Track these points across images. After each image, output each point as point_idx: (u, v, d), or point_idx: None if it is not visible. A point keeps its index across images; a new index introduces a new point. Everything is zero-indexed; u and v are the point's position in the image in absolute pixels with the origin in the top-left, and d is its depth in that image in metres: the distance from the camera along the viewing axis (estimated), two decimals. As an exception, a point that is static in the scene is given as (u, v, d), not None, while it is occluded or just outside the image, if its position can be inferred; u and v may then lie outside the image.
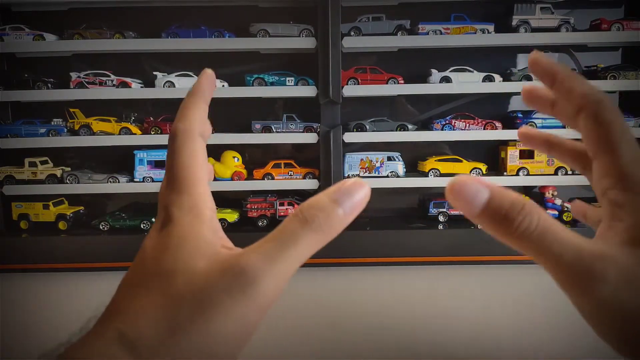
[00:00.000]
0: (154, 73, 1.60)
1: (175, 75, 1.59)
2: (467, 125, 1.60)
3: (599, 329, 0.30)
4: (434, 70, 1.59)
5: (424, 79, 1.61)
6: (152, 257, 0.32)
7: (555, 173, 1.60)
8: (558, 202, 1.61)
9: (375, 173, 1.61)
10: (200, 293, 0.30)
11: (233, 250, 0.33)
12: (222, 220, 1.59)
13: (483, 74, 1.58)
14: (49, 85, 1.58)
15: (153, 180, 1.60)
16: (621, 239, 0.30)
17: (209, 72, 0.40)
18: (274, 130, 1.60)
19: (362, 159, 1.61)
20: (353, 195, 0.33)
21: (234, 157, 1.64)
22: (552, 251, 0.30)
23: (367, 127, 1.60)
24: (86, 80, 1.57)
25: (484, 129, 1.59)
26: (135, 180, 1.61)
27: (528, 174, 1.60)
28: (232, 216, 1.60)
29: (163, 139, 1.59)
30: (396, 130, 1.60)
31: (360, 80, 1.56)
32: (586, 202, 0.46)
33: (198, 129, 0.37)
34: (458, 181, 0.30)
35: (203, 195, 0.34)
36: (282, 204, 1.61)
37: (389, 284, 1.32)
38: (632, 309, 0.28)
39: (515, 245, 0.31)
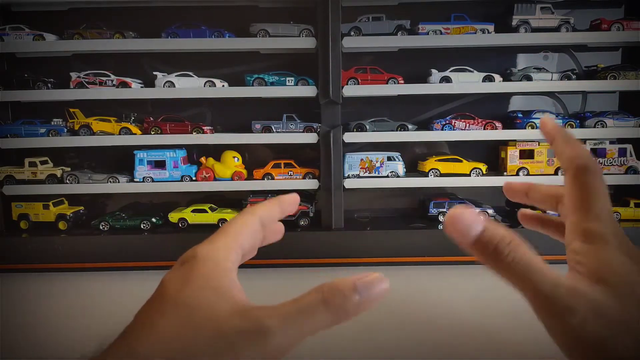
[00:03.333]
0: (154, 73, 1.60)
1: (175, 75, 1.58)
2: (467, 125, 1.60)
3: (570, 356, 0.33)
4: (434, 70, 1.59)
5: (424, 79, 1.61)
6: (173, 289, 0.35)
7: (555, 173, 1.60)
8: (558, 202, 1.61)
9: (375, 173, 1.61)
10: (218, 331, 0.32)
11: (251, 304, 0.35)
12: (222, 221, 1.59)
13: (483, 74, 1.58)
14: (49, 85, 1.58)
15: (153, 180, 1.60)
16: (588, 280, 0.34)
17: (296, 198, 0.47)
18: (274, 130, 1.60)
19: (362, 159, 1.61)
20: (373, 287, 0.36)
21: (234, 157, 1.64)
22: (532, 282, 0.33)
23: (367, 127, 1.60)
24: (86, 80, 1.57)
25: (484, 129, 1.59)
26: (135, 180, 1.61)
27: (528, 174, 1.60)
28: (232, 216, 1.60)
29: (163, 139, 1.59)
30: (396, 130, 1.60)
31: (360, 80, 1.56)
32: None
33: (261, 215, 0.42)
34: (455, 213, 0.36)
35: (230, 252, 0.38)
36: (282, 204, 1.61)
37: (389, 283, 1.32)
38: (598, 339, 0.31)
39: (502, 274, 0.36)
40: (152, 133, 1.59)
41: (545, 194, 0.49)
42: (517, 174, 1.60)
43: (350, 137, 1.56)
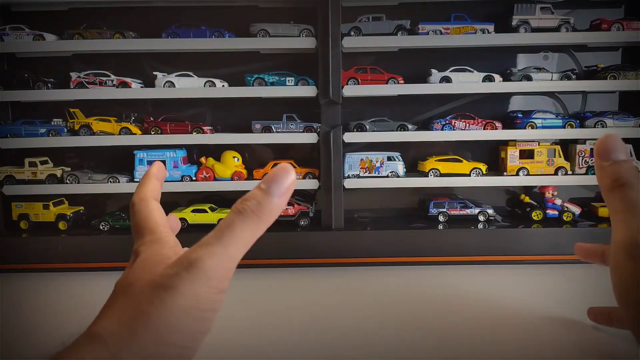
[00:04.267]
0: (154, 73, 1.60)
1: (175, 75, 1.59)
2: (467, 125, 1.60)
3: (625, 303, 0.38)
4: (434, 70, 1.59)
5: (424, 79, 1.61)
6: (122, 281, 0.40)
7: (555, 173, 1.60)
8: (558, 202, 1.62)
9: (375, 173, 1.61)
10: (154, 284, 0.36)
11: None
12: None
13: (483, 74, 1.58)
14: (49, 85, 1.58)
15: (153, 180, 1.60)
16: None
17: (158, 163, 0.58)
18: (274, 130, 1.60)
19: (362, 159, 1.61)
20: (281, 182, 0.39)
21: (234, 157, 1.64)
22: (628, 221, 0.40)
23: (367, 127, 1.60)
24: (86, 80, 1.57)
25: (484, 129, 1.59)
26: (135, 180, 1.61)
27: (528, 174, 1.60)
28: (232, 216, 1.60)
29: (163, 139, 1.59)
30: (396, 130, 1.60)
31: (360, 80, 1.56)
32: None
33: (151, 195, 0.50)
34: (604, 136, 0.48)
35: (164, 234, 0.43)
36: (282, 204, 1.61)
37: (389, 284, 1.32)
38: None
39: (610, 203, 0.45)
40: (152, 133, 1.59)
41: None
42: (517, 174, 1.60)
43: (350, 137, 1.56)
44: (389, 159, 1.62)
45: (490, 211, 1.61)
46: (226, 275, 0.37)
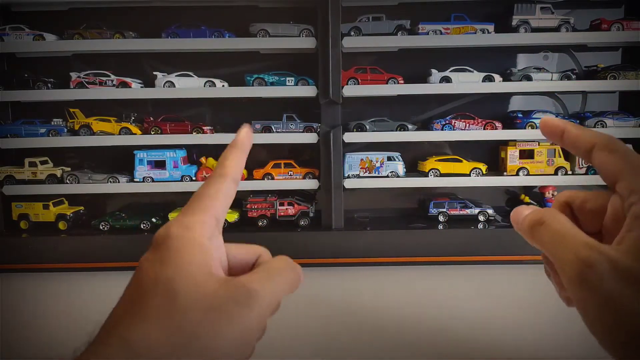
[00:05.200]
0: (154, 73, 1.60)
1: (175, 75, 1.58)
2: (467, 125, 1.60)
3: (588, 318, 0.32)
4: (434, 70, 1.59)
5: (424, 79, 1.61)
6: (152, 273, 0.35)
7: (555, 173, 1.60)
8: (558, 202, 1.61)
9: (375, 173, 1.61)
10: (206, 300, 0.33)
11: (229, 277, 0.38)
12: (222, 220, 1.59)
13: (483, 74, 1.58)
14: (49, 85, 1.58)
15: (153, 180, 1.60)
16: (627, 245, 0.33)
17: (246, 129, 0.45)
18: (274, 130, 1.60)
19: (362, 159, 1.61)
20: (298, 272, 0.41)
21: (234, 157, 1.64)
22: (563, 244, 0.35)
23: (367, 127, 1.60)
24: (86, 80, 1.57)
25: (484, 129, 1.59)
26: (135, 180, 1.61)
27: (528, 174, 1.60)
28: (232, 216, 1.60)
29: (163, 139, 1.59)
30: (396, 130, 1.60)
31: (360, 80, 1.56)
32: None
33: (232, 175, 0.43)
34: (513, 211, 0.41)
35: (204, 226, 0.38)
36: (282, 204, 1.61)
37: (389, 284, 1.32)
38: (616, 297, 0.30)
39: (541, 244, 0.38)
40: (152, 133, 1.59)
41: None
42: (517, 174, 1.60)
43: (350, 137, 1.56)
44: (389, 159, 1.62)
45: (490, 211, 1.61)
46: (272, 311, 0.37)
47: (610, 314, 0.30)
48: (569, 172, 1.61)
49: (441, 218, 1.62)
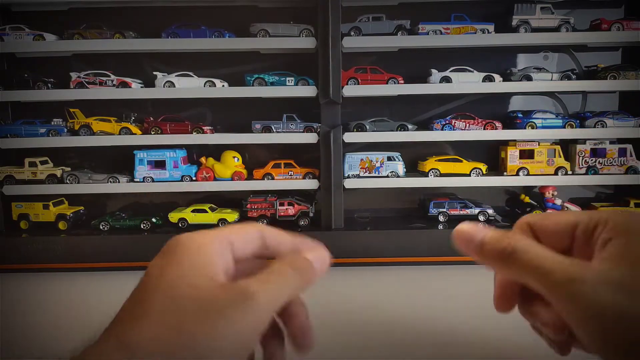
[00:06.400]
0: (154, 73, 1.60)
1: (175, 75, 1.58)
2: (467, 125, 1.60)
3: (587, 335, 0.32)
4: (434, 70, 1.59)
5: (424, 79, 1.61)
6: (155, 275, 0.36)
7: (555, 173, 1.60)
8: (558, 202, 1.61)
9: (375, 173, 1.61)
10: (205, 302, 0.34)
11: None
12: (222, 221, 1.59)
13: (483, 74, 1.58)
14: (49, 85, 1.58)
15: (153, 180, 1.60)
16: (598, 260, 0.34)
17: (325, 257, 0.44)
18: (274, 130, 1.60)
19: (362, 159, 1.61)
20: (324, 260, 0.42)
21: (234, 157, 1.64)
22: (536, 266, 0.35)
23: (367, 127, 1.60)
24: (86, 80, 1.57)
25: (484, 129, 1.59)
26: (135, 180, 1.61)
27: (528, 174, 1.60)
28: (232, 216, 1.60)
29: (163, 139, 1.59)
30: (396, 130, 1.60)
31: (360, 80, 1.56)
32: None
33: (262, 230, 0.42)
34: (457, 229, 0.42)
35: (215, 239, 0.38)
36: (282, 204, 1.61)
37: (389, 284, 1.32)
38: (616, 308, 0.30)
39: (509, 271, 0.39)
40: (152, 133, 1.59)
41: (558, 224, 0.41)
42: (517, 174, 1.60)
43: (350, 137, 1.56)
44: (389, 159, 1.62)
45: (490, 211, 1.61)
46: (271, 314, 0.37)
47: (610, 325, 0.30)
48: (569, 172, 1.61)
49: (441, 218, 1.62)
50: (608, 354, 0.31)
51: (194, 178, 1.61)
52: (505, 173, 1.62)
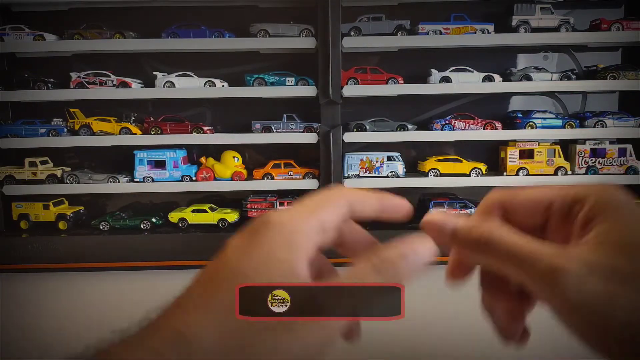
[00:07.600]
0: (154, 73, 1.60)
1: (175, 75, 1.58)
2: (467, 125, 1.60)
3: (574, 327, 0.30)
4: (434, 70, 1.59)
5: (424, 79, 1.61)
6: (235, 259, 0.31)
7: (555, 173, 1.60)
8: (558, 202, 1.61)
9: (375, 173, 1.61)
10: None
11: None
12: (222, 221, 1.59)
13: (483, 74, 1.58)
14: (49, 85, 1.58)
15: (153, 180, 1.60)
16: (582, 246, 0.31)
17: (405, 204, 0.42)
18: (274, 130, 1.60)
19: (362, 159, 1.61)
20: (419, 253, 0.37)
21: (234, 157, 1.64)
22: (516, 255, 0.32)
23: (367, 127, 1.60)
24: (86, 80, 1.57)
25: (484, 129, 1.59)
26: (135, 180, 1.60)
27: (528, 174, 1.60)
28: (232, 216, 1.60)
29: (163, 139, 1.59)
30: (396, 130, 1.60)
31: (360, 80, 1.56)
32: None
33: (350, 199, 0.38)
34: (425, 219, 0.39)
35: (308, 219, 0.34)
36: (282, 204, 1.61)
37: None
38: (604, 296, 0.28)
39: (488, 260, 0.36)
40: (152, 133, 1.59)
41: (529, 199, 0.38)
42: (517, 174, 1.60)
43: (350, 137, 1.56)
44: (389, 159, 1.62)
45: (490, 211, 1.61)
46: (339, 331, 0.35)
47: (599, 314, 0.28)
48: (569, 172, 1.61)
49: (441, 218, 1.62)
50: (599, 344, 0.29)
51: (194, 178, 1.61)
52: (505, 173, 1.62)
